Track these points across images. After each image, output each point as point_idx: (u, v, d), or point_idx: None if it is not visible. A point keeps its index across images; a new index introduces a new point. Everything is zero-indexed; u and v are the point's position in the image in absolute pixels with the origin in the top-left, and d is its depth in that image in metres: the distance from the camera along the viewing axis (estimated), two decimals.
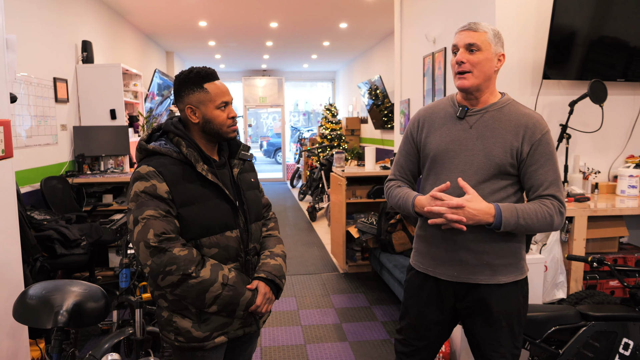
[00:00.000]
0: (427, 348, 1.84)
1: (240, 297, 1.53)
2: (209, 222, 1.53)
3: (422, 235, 1.82)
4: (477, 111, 1.70)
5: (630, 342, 2.13)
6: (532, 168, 1.64)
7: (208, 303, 1.49)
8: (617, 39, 3.01)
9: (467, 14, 3.41)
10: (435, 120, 1.78)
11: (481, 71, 1.64)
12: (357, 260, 4.74)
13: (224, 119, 1.56)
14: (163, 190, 1.47)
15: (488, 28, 1.64)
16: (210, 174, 1.55)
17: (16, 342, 2.18)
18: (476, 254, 1.68)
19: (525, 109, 1.71)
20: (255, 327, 1.66)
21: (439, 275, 1.76)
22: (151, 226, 1.43)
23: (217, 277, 1.48)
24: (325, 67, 12.87)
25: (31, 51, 4.09)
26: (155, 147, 1.54)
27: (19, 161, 3.77)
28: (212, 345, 1.55)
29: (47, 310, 1.62)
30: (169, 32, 7.93)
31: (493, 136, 1.66)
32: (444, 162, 1.71)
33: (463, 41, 1.65)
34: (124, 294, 2.46)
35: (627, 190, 2.98)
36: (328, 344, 3.22)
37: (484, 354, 1.74)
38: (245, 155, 1.70)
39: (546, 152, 1.63)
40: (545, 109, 3.12)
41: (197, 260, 1.47)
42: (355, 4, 6.27)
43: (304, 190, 8.78)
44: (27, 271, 2.68)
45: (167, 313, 1.57)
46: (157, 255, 1.43)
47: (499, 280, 1.69)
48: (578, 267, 2.65)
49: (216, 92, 1.55)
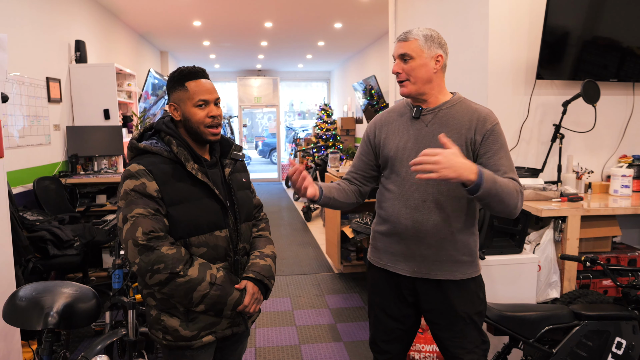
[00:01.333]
0: (399, 345, 1.89)
1: (227, 297, 1.53)
2: (198, 221, 1.53)
3: (381, 230, 1.84)
4: (431, 110, 1.76)
5: (623, 341, 2.14)
6: (486, 155, 1.68)
7: (195, 302, 1.48)
8: (610, 40, 3.02)
9: (460, 15, 3.41)
10: (392, 123, 1.84)
11: (417, 77, 1.71)
12: (352, 260, 4.73)
13: (201, 117, 1.55)
14: (152, 188, 1.47)
15: (419, 34, 1.70)
16: (200, 173, 1.55)
17: (8, 343, 2.16)
18: (436, 249, 1.72)
19: (475, 105, 1.77)
20: (243, 327, 1.66)
21: (398, 271, 1.79)
22: (140, 224, 1.43)
23: (204, 277, 1.48)
24: (320, 67, 12.88)
25: (24, 51, 4.06)
26: (146, 146, 1.54)
27: (11, 161, 3.74)
28: (199, 345, 1.55)
29: (37, 312, 1.61)
30: (163, 31, 7.90)
31: (448, 132, 1.70)
32: (403, 160, 1.75)
33: (396, 52, 1.74)
34: (116, 294, 2.45)
35: (620, 190, 2.99)
36: (323, 344, 3.21)
37: (453, 353, 1.78)
38: (237, 155, 1.70)
39: (498, 141, 1.68)
40: (538, 109, 3.13)
41: (185, 259, 1.47)
42: (349, 4, 6.27)
43: None
44: (19, 272, 2.66)
45: (156, 312, 1.56)
46: (145, 254, 1.43)
47: (458, 276, 1.74)
48: (571, 267, 2.66)
49: (195, 90, 1.55)
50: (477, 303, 1.78)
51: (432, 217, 1.71)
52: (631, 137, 3.24)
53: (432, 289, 1.76)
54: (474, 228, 1.79)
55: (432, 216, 1.71)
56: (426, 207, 1.71)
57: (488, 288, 1.96)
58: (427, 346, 2.69)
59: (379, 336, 1.90)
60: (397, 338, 1.88)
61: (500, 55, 3.06)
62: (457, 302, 1.74)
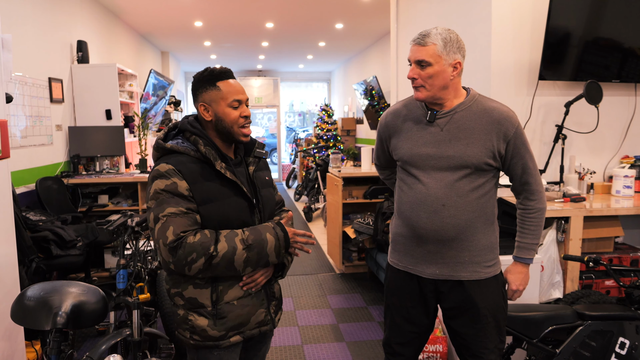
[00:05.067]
0: (413, 348, 1.90)
1: (266, 248, 1.54)
2: (227, 219, 1.55)
3: (401, 233, 1.84)
4: (446, 113, 1.72)
5: (627, 341, 2.15)
6: (513, 161, 1.74)
7: (242, 269, 1.51)
8: (611, 40, 3.03)
9: (463, 16, 3.42)
10: (404, 124, 1.80)
11: (433, 85, 1.67)
12: (354, 261, 4.74)
13: (235, 116, 1.56)
14: (184, 187, 1.49)
15: (437, 38, 1.63)
16: (229, 172, 1.56)
17: (12, 343, 2.16)
18: (458, 251, 1.72)
19: (491, 102, 1.73)
20: (271, 325, 1.67)
21: (419, 274, 1.79)
22: (171, 224, 1.45)
23: (235, 245, 1.49)
24: (320, 67, 12.87)
25: (26, 51, 4.06)
26: (173, 146, 1.55)
27: (13, 161, 3.74)
28: (227, 344, 1.56)
29: (46, 312, 1.62)
30: (164, 32, 7.90)
31: (466, 137, 1.69)
32: (418, 164, 1.74)
33: (413, 57, 1.68)
34: (121, 295, 2.45)
35: (622, 191, 3.00)
36: (325, 345, 3.22)
37: (474, 352, 1.77)
38: (260, 153, 1.72)
39: (523, 144, 1.73)
40: (541, 110, 3.13)
41: (212, 239, 1.48)
42: (351, 5, 6.28)
43: (299, 191, 8.78)
44: (23, 272, 2.66)
45: (183, 311, 1.57)
46: (176, 252, 1.45)
47: (481, 276, 1.74)
48: (574, 267, 2.66)
49: (228, 89, 1.56)
50: (499, 301, 1.78)
51: (452, 221, 1.69)
52: (633, 137, 3.25)
53: (455, 289, 1.76)
54: (494, 225, 1.79)
55: (451, 219, 1.69)
56: (445, 210, 1.69)
57: None
58: (430, 346, 2.70)
59: (395, 339, 1.90)
60: (412, 341, 1.88)
61: (502, 56, 3.06)
62: (480, 300, 1.73)
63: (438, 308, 1.87)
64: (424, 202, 1.72)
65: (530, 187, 1.77)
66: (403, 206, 1.80)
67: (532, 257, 1.84)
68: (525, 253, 1.84)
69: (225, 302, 1.55)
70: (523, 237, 1.83)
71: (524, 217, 1.82)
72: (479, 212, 1.72)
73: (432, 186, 1.71)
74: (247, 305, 1.59)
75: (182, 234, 1.45)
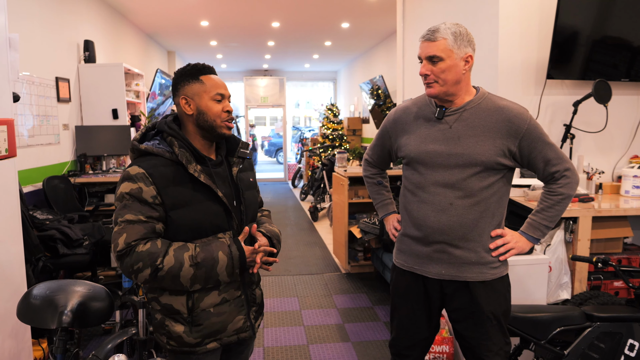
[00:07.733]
0: (419, 349, 1.89)
1: (216, 268, 1.47)
2: (200, 225, 1.50)
3: (407, 233, 1.82)
4: (455, 110, 1.70)
5: (636, 343, 2.12)
6: (532, 156, 1.68)
7: (188, 285, 1.46)
8: (620, 39, 3.00)
9: (470, 14, 3.40)
10: (412, 122, 1.79)
11: (446, 80, 1.65)
12: (360, 261, 4.73)
13: (218, 110, 1.52)
14: (149, 194, 1.43)
15: (447, 32, 1.62)
16: (203, 175, 1.50)
17: (19, 342, 2.17)
18: (464, 251, 1.70)
19: (502, 100, 1.70)
20: (250, 332, 1.63)
21: (425, 274, 1.77)
22: (125, 231, 1.41)
23: (182, 261, 1.43)
24: (326, 67, 12.87)
25: (33, 51, 4.09)
26: (147, 148, 1.50)
27: (21, 161, 3.76)
28: (204, 351, 1.54)
29: (52, 311, 1.62)
30: (170, 31, 7.92)
31: (475, 135, 1.66)
32: (426, 161, 1.72)
33: (424, 53, 1.66)
34: (127, 293, 2.46)
35: (631, 191, 2.97)
36: (331, 345, 3.21)
37: (479, 355, 1.75)
38: (244, 153, 1.65)
39: (539, 139, 1.67)
40: (548, 109, 3.11)
41: (162, 250, 1.43)
42: (357, 4, 6.26)
43: (305, 191, 8.77)
44: (30, 271, 2.68)
45: (160, 316, 1.54)
46: (124, 259, 1.41)
47: (487, 277, 1.72)
48: (582, 268, 2.64)
49: (211, 83, 1.53)
50: (504, 303, 1.76)
51: (459, 220, 1.68)
52: None
53: (460, 290, 1.74)
54: (501, 226, 1.77)
55: (458, 219, 1.68)
56: (452, 209, 1.68)
57: None
58: (437, 347, 2.69)
59: (401, 340, 1.89)
60: (418, 343, 1.87)
61: (510, 55, 3.04)
62: (484, 302, 1.71)
63: (443, 309, 1.86)
64: (431, 201, 1.71)
65: (556, 174, 1.70)
66: (410, 205, 1.79)
67: (539, 238, 1.76)
68: (533, 231, 1.75)
69: (201, 309, 1.51)
70: (537, 215, 1.75)
71: (545, 198, 1.74)
72: (486, 213, 1.69)
73: (440, 185, 1.69)
74: (224, 312, 1.55)
75: (134, 242, 1.41)
